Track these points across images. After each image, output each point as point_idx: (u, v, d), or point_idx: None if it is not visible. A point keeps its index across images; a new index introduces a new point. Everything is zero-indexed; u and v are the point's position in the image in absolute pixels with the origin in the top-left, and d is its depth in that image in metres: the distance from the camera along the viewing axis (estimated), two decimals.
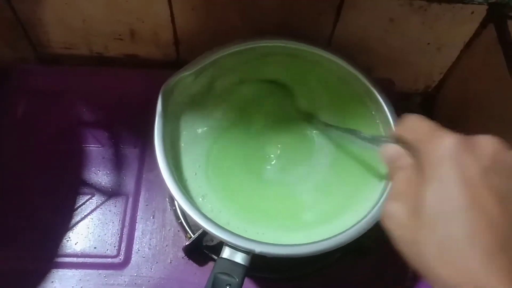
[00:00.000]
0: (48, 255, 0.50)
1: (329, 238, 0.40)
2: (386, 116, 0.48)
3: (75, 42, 0.65)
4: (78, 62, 0.68)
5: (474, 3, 0.54)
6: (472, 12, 0.55)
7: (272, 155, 0.49)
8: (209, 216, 0.41)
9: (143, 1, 0.58)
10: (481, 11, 0.55)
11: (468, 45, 0.60)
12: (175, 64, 0.66)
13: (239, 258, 0.39)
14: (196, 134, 0.48)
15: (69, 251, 0.50)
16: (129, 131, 0.59)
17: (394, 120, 0.47)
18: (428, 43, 0.61)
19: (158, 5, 0.58)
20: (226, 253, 0.40)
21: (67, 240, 0.51)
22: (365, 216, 0.41)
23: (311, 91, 0.52)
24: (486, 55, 0.57)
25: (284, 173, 0.48)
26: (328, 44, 0.62)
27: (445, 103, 0.68)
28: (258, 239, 0.40)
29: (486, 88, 0.57)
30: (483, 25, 0.56)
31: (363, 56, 0.63)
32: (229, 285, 0.38)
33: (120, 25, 0.62)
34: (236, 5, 0.57)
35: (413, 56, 0.63)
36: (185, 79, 0.48)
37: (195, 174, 0.46)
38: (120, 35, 0.63)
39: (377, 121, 0.50)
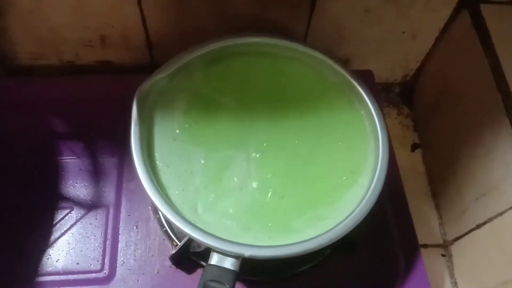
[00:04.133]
0: (28, 275, 0.48)
1: (319, 235, 0.39)
2: (369, 107, 0.47)
3: (43, 52, 0.64)
4: (49, 73, 0.66)
5: None
6: None
7: (255, 152, 0.47)
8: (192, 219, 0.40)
9: (112, 4, 0.56)
10: None
11: (443, 31, 0.60)
12: (149, 67, 0.65)
13: (228, 263, 0.38)
14: (173, 137, 0.46)
15: (50, 269, 0.49)
16: (105, 140, 0.57)
17: (376, 111, 0.46)
18: (404, 32, 0.61)
19: (128, 8, 0.56)
20: (214, 259, 0.38)
21: (48, 258, 0.49)
22: (353, 211, 0.41)
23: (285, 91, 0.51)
24: (461, 41, 0.57)
25: (268, 172, 0.46)
26: (304, 38, 0.61)
27: (424, 91, 0.68)
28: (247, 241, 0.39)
29: (464, 73, 0.57)
30: (457, 10, 0.57)
31: (339, 48, 0.63)
32: None
33: (89, 31, 0.60)
34: (207, 2, 0.56)
35: (389, 46, 0.63)
36: (160, 82, 0.47)
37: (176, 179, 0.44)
38: (90, 41, 0.62)
39: (362, 112, 0.49)
